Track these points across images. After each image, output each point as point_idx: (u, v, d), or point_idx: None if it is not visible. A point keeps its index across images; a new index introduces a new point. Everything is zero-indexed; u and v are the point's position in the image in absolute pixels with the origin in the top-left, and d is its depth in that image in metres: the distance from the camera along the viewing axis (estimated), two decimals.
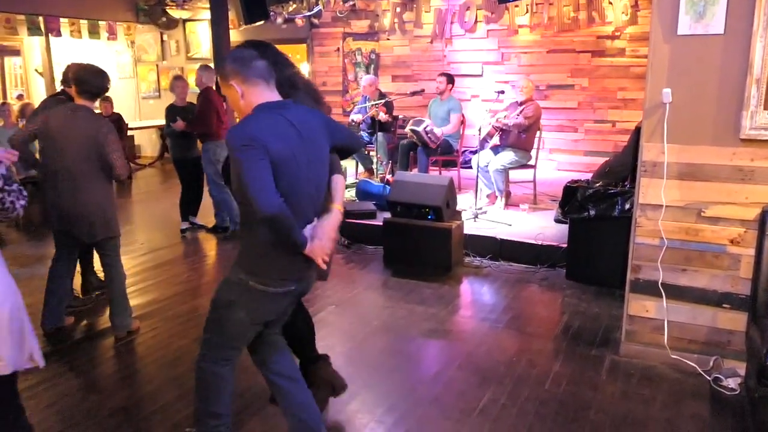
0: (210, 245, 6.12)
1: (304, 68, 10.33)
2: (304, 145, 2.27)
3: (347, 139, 2.59)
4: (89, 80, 3.79)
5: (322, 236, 2.33)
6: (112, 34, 10.76)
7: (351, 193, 6.85)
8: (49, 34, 9.81)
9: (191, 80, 8.05)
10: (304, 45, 10.21)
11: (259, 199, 2.09)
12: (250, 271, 2.32)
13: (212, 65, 6.91)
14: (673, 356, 3.45)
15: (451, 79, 7.38)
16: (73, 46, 11.12)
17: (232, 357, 2.49)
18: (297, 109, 2.32)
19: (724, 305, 3.36)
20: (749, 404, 3.00)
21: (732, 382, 3.24)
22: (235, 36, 9.87)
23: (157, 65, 11.97)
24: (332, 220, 2.41)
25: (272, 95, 2.30)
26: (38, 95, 10.98)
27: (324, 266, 2.35)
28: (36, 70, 11.11)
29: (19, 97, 10.10)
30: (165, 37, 11.78)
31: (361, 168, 7.91)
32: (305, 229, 2.29)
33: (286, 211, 2.13)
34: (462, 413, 3.03)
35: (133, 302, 4.54)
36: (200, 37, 11.43)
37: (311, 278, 2.50)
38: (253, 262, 2.32)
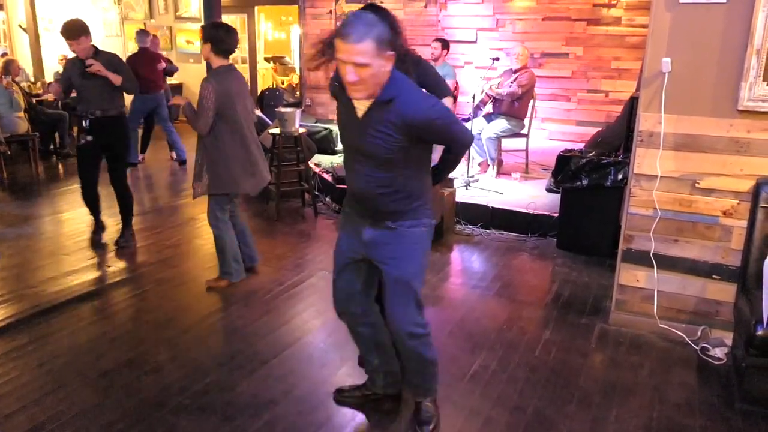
0: (197, 210, 6.06)
1: (295, 31, 10.15)
2: None
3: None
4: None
5: None
6: None
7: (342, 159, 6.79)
8: None
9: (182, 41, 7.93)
10: (296, 6, 10.00)
11: (466, 133, 2.43)
12: (432, 213, 2.49)
13: (202, 24, 6.78)
14: (661, 325, 3.49)
15: (446, 44, 7.27)
16: (58, 2, 10.83)
17: None
18: None
19: (714, 276, 3.38)
20: (735, 373, 3.05)
21: (719, 352, 3.28)
22: None
23: (144, 24, 11.69)
24: None
25: None
26: (22, 51, 10.73)
27: None
28: (20, 26, 10.83)
29: (3, 54, 9.86)
30: None
31: None
32: None
33: None
34: (453, 378, 3.05)
35: (121, 265, 4.54)
36: None
37: None
38: (429, 204, 2.47)
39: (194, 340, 3.46)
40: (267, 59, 13.65)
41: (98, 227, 5.12)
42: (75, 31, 4.49)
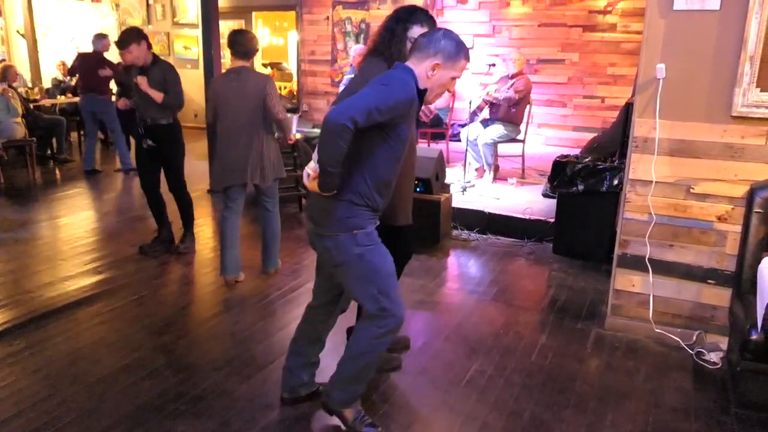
0: (195, 214, 6.07)
1: (293, 37, 10.18)
2: None
3: None
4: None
5: None
6: None
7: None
8: None
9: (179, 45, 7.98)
10: (293, 12, 10.04)
11: None
12: None
13: (199, 30, 6.82)
14: (657, 330, 3.50)
15: None
16: (56, 7, 10.85)
17: None
18: None
19: (709, 281, 3.40)
20: (731, 377, 3.06)
21: (714, 356, 3.30)
22: (223, 1, 9.67)
23: (142, 29, 11.71)
24: None
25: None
26: (20, 56, 10.72)
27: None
28: (17, 31, 10.84)
29: (1, 60, 9.86)
30: (151, 1, 11.53)
31: None
32: None
33: None
34: (450, 384, 3.06)
35: (120, 269, 4.54)
36: (187, 2, 11.19)
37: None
38: None
39: (191, 345, 3.46)
40: (265, 65, 13.67)
41: (159, 233, 4.99)
42: (123, 40, 4.54)
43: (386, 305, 2.46)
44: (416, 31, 2.77)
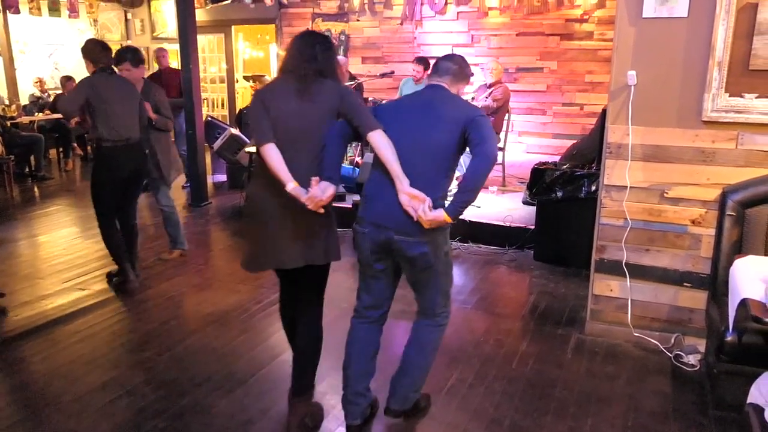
0: None
1: (273, 49, 10.19)
2: None
3: None
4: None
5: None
6: (74, 11, 10.41)
7: None
8: (7, 11, 9.48)
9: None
10: (273, 25, 10.06)
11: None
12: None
13: (177, 45, 6.81)
14: (636, 334, 3.53)
15: (427, 65, 7.34)
16: (33, 24, 10.78)
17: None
18: None
19: (685, 284, 3.44)
20: (708, 379, 3.09)
21: (692, 359, 3.32)
22: (201, 15, 9.69)
23: (121, 45, 11.66)
24: None
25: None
26: None
27: None
28: None
29: None
30: (129, 16, 11.50)
31: None
32: None
33: None
34: (430, 392, 3.03)
35: (99, 286, 4.50)
36: (166, 16, 11.17)
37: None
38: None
39: (170, 361, 3.43)
40: (246, 78, 13.65)
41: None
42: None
43: (449, 298, 2.73)
44: (341, 60, 2.90)
